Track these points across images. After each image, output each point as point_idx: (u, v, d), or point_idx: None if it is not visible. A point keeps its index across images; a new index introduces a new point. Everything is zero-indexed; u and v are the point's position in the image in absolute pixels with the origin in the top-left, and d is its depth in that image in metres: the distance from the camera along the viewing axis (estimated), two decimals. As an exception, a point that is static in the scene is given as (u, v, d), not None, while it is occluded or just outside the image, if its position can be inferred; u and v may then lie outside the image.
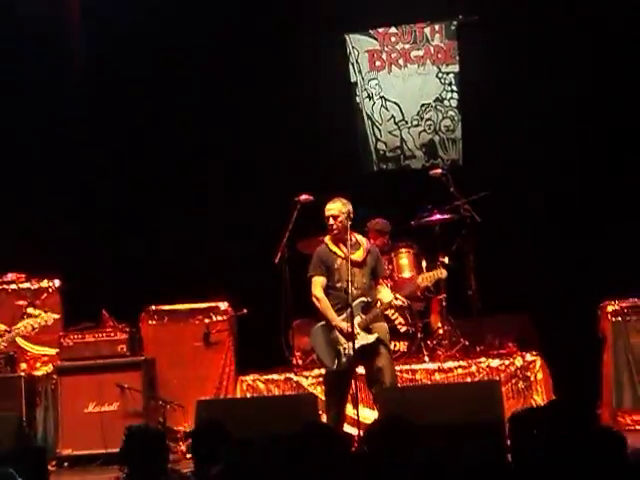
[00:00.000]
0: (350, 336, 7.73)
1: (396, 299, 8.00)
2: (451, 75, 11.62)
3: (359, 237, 8.10)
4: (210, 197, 11.24)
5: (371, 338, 7.79)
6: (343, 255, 7.95)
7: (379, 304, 7.97)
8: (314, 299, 7.98)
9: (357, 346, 7.70)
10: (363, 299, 7.84)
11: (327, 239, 8.08)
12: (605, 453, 3.76)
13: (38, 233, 10.84)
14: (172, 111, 11.34)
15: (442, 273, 8.75)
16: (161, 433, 5.18)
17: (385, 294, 8.02)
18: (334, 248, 8.00)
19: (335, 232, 7.98)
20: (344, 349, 7.81)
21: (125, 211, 11.25)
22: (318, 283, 7.97)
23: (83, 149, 11.33)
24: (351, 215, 7.95)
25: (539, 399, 8.99)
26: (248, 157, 11.27)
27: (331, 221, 7.97)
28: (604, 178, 10.56)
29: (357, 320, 7.78)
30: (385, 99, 11.75)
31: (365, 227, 9.97)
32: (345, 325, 7.80)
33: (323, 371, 8.31)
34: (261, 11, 11.32)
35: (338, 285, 7.93)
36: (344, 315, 7.86)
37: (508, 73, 10.99)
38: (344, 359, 7.82)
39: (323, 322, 7.98)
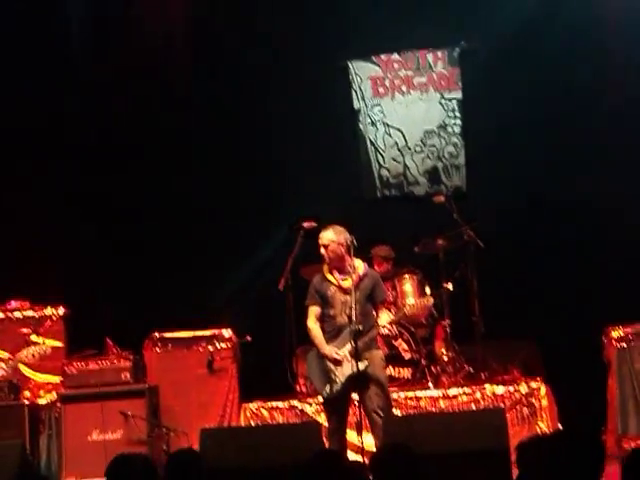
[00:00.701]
0: (337, 363, 7.84)
1: (384, 327, 8.01)
2: (454, 102, 11.63)
3: (357, 263, 8.11)
4: (213, 224, 11.23)
5: (360, 366, 7.79)
6: (336, 283, 8.02)
7: (374, 330, 8.00)
8: (307, 329, 8.14)
9: (346, 374, 7.79)
10: (355, 326, 7.84)
11: (324, 267, 8.14)
12: None
13: (41, 261, 10.84)
14: (180, 141, 11.35)
15: (429, 300, 8.82)
16: (147, 460, 5.09)
17: (382, 320, 8.05)
18: (328, 276, 8.09)
19: (327, 261, 8.03)
20: (335, 376, 7.85)
21: (129, 239, 11.25)
22: (312, 313, 8.11)
23: (87, 177, 11.34)
24: (347, 242, 7.96)
25: (544, 426, 8.96)
26: (251, 184, 11.28)
27: (322, 250, 8.08)
28: (610, 203, 10.54)
29: (347, 348, 7.83)
30: (388, 125, 11.77)
31: (369, 253, 9.99)
32: (332, 352, 7.87)
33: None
34: (263, 38, 11.36)
35: (331, 313, 8.02)
36: (336, 342, 7.93)
37: (510, 99, 11.00)
38: (335, 386, 7.88)
39: (316, 349, 8.05)
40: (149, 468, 4.98)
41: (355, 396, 7.92)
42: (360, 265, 8.13)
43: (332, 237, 8.02)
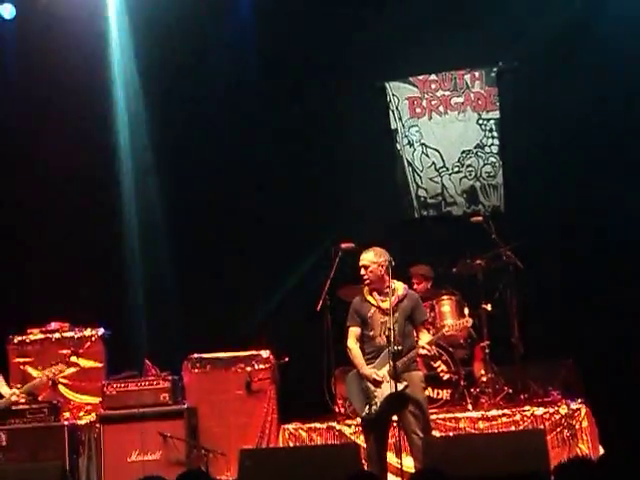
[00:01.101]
0: (377, 384, 7.82)
1: (423, 349, 7.97)
2: (492, 121, 11.61)
3: (397, 284, 8.11)
4: (253, 245, 11.26)
5: (399, 387, 7.77)
6: (376, 304, 8.03)
7: (413, 351, 7.97)
8: (347, 349, 8.14)
9: (385, 394, 7.77)
10: (395, 347, 7.82)
11: (365, 289, 8.14)
12: None
13: (81, 282, 10.93)
14: (216, 166, 11.41)
15: (467, 322, 8.77)
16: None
17: (423, 340, 8.03)
18: (368, 297, 8.11)
19: (367, 282, 8.04)
20: (374, 397, 7.83)
21: (168, 259, 11.30)
22: (352, 334, 8.12)
23: (118, 195, 11.45)
24: (387, 264, 7.96)
25: (584, 448, 8.86)
26: (290, 205, 11.30)
27: (362, 271, 8.10)
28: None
29: (386, 369, 7.79)
30: (425, 146, 11.76)
31: (408, 273, 10.00)
32: (371, 373, 7.86)
33: (361, 419, 8.33)
34: (301, 60, 11.41)
35: (371, 334, 8.01)
36: (375, 362, 7.92)
37: (547, 118, 10.97)
38: (375, 407, 7.86)
39: (356, 370, 8.04)
40: None
41: (394, 417, 7.89)
42: (400, 286, 8.13)
43: (373, 258, 8.03)
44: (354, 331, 8.11)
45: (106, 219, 11.37)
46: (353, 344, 8.08)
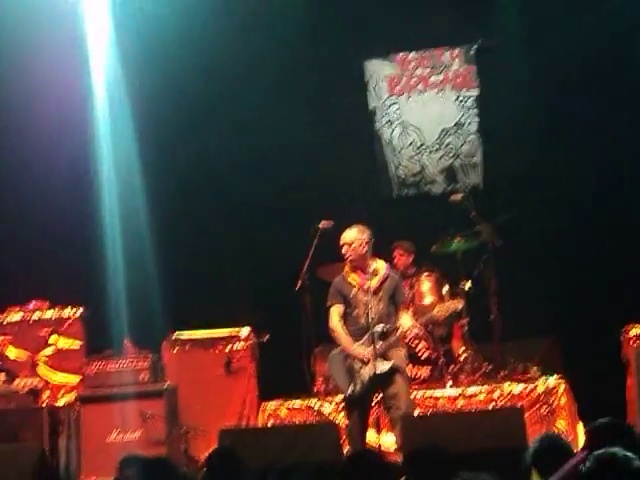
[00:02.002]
0: (365, 362, 7.84)
1: (414, 328, 8.00)
2: (471, 100, 11.61)
3: (379, 263, 8.11)
4: (230, 225, 11.25)
5: (386, 365, 7.80)
6: (358, 284, 7.99)
7: (399, 331, 7.99)
8: (331, 331, 8.13)
9: (370, 374, 7.79)
10: (380, 327, 7.85)
11: (346, 268, 8.13)
12: None
13: (60, 261, 10.89)
14: (197, 147, 11.38)
15: (459, 303, 8.75)
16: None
17: (405, 321, 8.04)
18: (350, 277, 8.07)
19: (350, 259, 8.02)
20: (359, 375, 7.85)
21: (148, 239, 11.26)
22: (335, 313, 8.09)
23: (105, 178, 11.38)
24: (370, 242, 7.97)
25: (563, 424, 8.92)
26: (267, 185, 11.28)
27: (345, 248, 8.07)
28: (630, 201, 10.51)
29: (371, 348, 7.80)
30: (404, 125, 11.76)
31: (390, 247, 10.04)
32: (360, 350, 7.87)
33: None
34: (279, 38, 11.36)
35: (354, 313, 8.02)
36: (360, 342, 7.93)
37: (527, 96, 10.98)
38: (359, 385, 7.87)
39: (339, 348, 8.07)
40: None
41: (375, 395, 7.91)
42: (382, 265, 8.13)
43: (356, 235, 8.02)
44: (337, 309, 8.08)
45: (86, 198, 11.30)
46: (337, 323, 8.05)
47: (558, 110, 10.85)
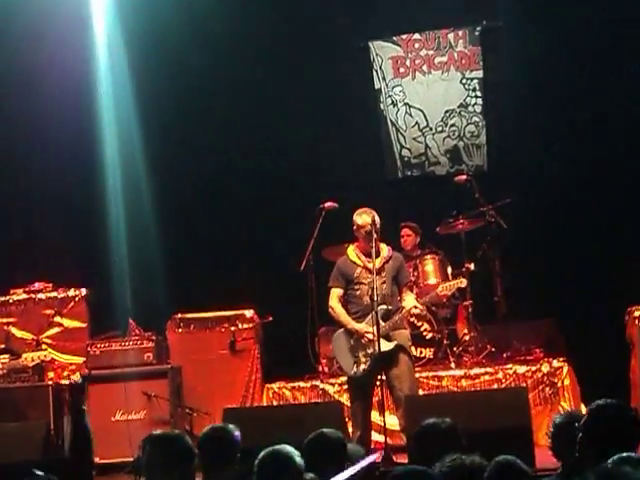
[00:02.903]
0: (368, 341, 7.88)
1: (415, 308, 8.01)
2: (475, 81, 11.59)
3: (382, 245, 8.16)
4: (236, 205, 11.25)
5: (390, 346, 7.82)
6: (362, 264, 8.02)
7: (403, 311, 8.01)
8: (329, 309, 8.18)
9: (375, 354, 7.80)
10: (383, 307, 7.86)
11: (349, 249, 8.15)
12: None
13: (65, 242, 10.89)
14: (200, 130, 11.36)
15: (462, 282, 8.76)
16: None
17: (408, 301, 8.06)
18: (354, 257, 8.12)
19: (360, 240, 8.07)
20: (363, 355, 7.86)
21: (152, 220, 11.27)
22: (334, 294, 8.15)
23: (108, 158, 11.37)
24: (377, 224, 7.97)
25: (566, 405, 8.93)
26: (273, 166, 11.28)
27: (356, 229, 8.08)
28: (631, 183, 10.49)
29: (375, 328, 7.79)
30: (409, 106, 11.74)
31: (398, 225, 10.07)
32: (360, 326, 7.91)
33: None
34: (284, 19, 11.33)
35: (358, 293, 8.04)
36: (364, 322, 7.94)
37: (532, 78, 10.96)
38: (362, 366, 7.90)
39: (343, 328, 8.08)
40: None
41: (379, 375, 7.92)
42: (384, 248, 8.16)
43: (366, 218, 8.03)
44: (337, 292, 8.14)
45: (90, 179, 11.31)
46: (336, 303, 8.11)
47: (563, 91, 10.81)
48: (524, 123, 10.99)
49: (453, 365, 9.55)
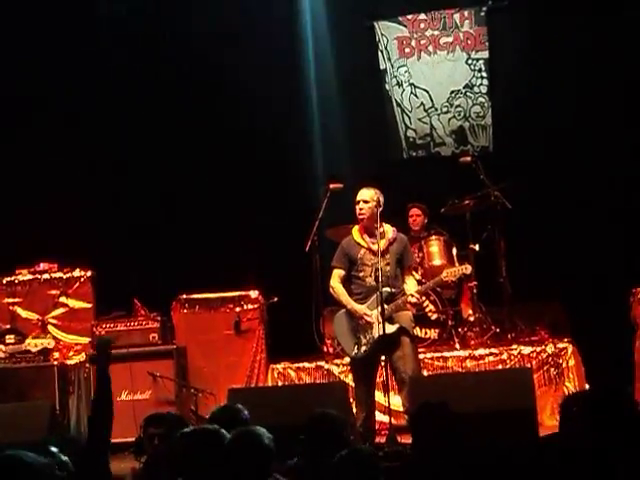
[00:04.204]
0: (367, 323, 7.85)
1: (412, 297, 7.95)
2: (481, 61, 11.56)
3: (387, 227, 8.10)
4: (240, 186, 11.23)
5: (392, 328, 7.80)
6: (366, 245, 8.00)
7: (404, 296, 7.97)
8: (330, 289, 8.14)
9: (376, 335, 7.79)
10: (387, 289, 7.84)
11: (354, 229, 8.13)
12: None
13: (70, 222, 10.89)
14: (203, 103, 11.35)
15: (467, 269, 8.68)
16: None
17: (410, 286, 8.02)
18: (358, 239, 8.07)
19: (363, 217, 8.00)
20: (364, 337, 7.86)
21: (156, 200, 11.28)
22: (336, 275, 8.10)
23: (113, 141, 11.38)
24: (381, 205, 7.95)
25: (571, 386, 8.95)
26: (278, 145, 11.26)
27: (362, 205, 8.01)
28: (637, 165, 10.47)
29: (379, 310, 7.78)
30: (414, 86, 11.71)
31: (406, 205, 10.09)
32: (360, 307, 7.88)
33: (350, 359, 8.37)
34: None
35: (361, 274, 8.00)
36: (367, 304, 7.93)
37: (538, 59, 10.93)
38: (364, 347, 7.88)
39: (345, 309, 8.06)
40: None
41: (382, 357, 7.93)
42: (389, 229, 8.11)
43: (373, 195, 8.00)
44: (338, 272, 8.09)
45: (94, 161, 11.32)
46: (337, 283, 8.06)
47: (569, 71, 10.78)
48: (529, 104, 10.96)
49: (458, 346, 9.55)
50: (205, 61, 11.30)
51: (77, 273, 10.38)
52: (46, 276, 10.41)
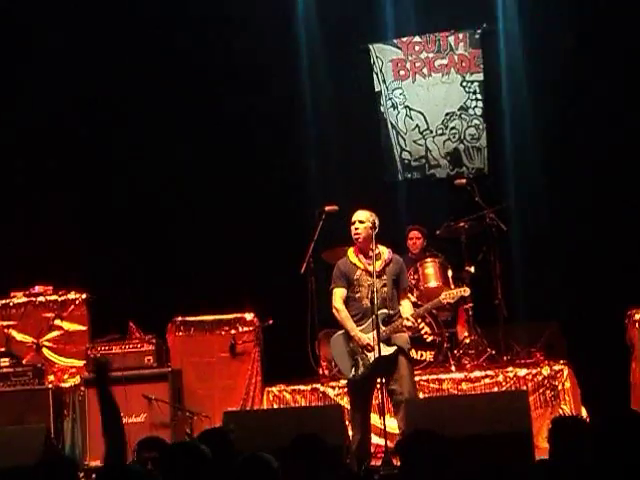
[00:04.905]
0: (368, 347, 7.82)
1: (407, 320, 7.94)
2: (475, 84, 11.59)
3: (382, 248, 8.10)
4: (236, 208, 11.23)
5: (390, 350, 7.79)
6: (362, 266, 7.99)
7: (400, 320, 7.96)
8: (334, 310, 8.10)
9: (373, 357, 7.77)
10: (384, 311, 7.83)
11: (349, 251, 8.13)
12: None
13: (65, 246, 10.88)
14: (201, 124, 11.37)
15: (465, 291, 8.68)
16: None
17: (405, 309, 8.02)
18: (354, 259, 8.06)
19: (358, 238, 8.00)
20: (362, 359, 7.85)
21: (151, 222, 11.28)
22: (338, 295, 8.06)
23: (108, 166, 11.39)
24: (376, 226, 7.96)
25: (567, 408, 8.92)
26: (274, 168, 11.27)
27: (357, 225, 8.02)
28: (634, 186, 10.48)
29: (374, 332, 7.76)
30: (409, 108, 11.74)
31: (406, 228, 10.11)
32: (364, 337, 7.86)
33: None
34: (286, 21, 11.35)
35: (357, 296, 7.99)
36: (364, 325, 7.91)
37: (532, 81, 10.97)
38: (362, 369, 7.87)
39: (342, 331, 8.04)
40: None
41: (378, 379, 7.91)
42: (385, 250, 8.11)
43: (368, 216, 8.01)
44: (340, 292, 8.05)
45: (90, 183, 11.33)
46: (341, 305, 8.02)
47: (564, 93, 10.81)
48: (524, 126, 10.99)
49: (453, 368, 9.53)
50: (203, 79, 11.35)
51: (72, 295, 10.37)
52: (41, 299, 10.39)
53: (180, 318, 10.06)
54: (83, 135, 11.39)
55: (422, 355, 9.62)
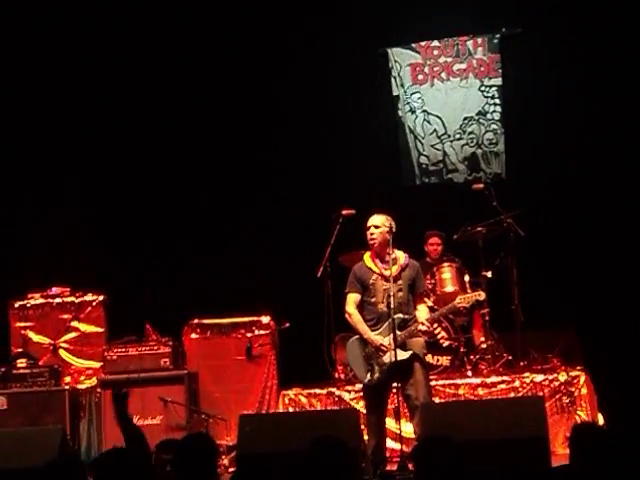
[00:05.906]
0: (382, 351, 7.81)
1: (422, 325, 7.92)
2: (494, 88, 11.58)
3: (398, 253, 8.08)
4: (254, 211, 11.25)
5: (405, 355, 7.78)
6: (378, 271, 7.98)
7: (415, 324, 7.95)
8: (346, 315, 8.10)
9: (388, 362, 7.77)
10: (400, 315, 7.82)
11: (366, 255, 8.12)
12: None
13: (83, 247, 10.92)
14: (221, 129, 11.40)
15: (481, 295, 8.63)
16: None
17: (421, 314, 8.00)
18: (370, 264, 8.06)
19: (374, 243, 7.99)
20: (377, 364, 7.83)
21: (168, 224, 11.30)
22: (351, 300, 8.06)
23: (127, 165, 11.41)
24: (393, 231, 7.95)
25: (583, 415, 8.90)
26: (292, 171, 11.28)
27: (372, 230, 8.02)
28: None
29: (390, 336, 7.76)
30: (427, 113, 11.73)
31: (425, 234, 10.13)
32: (377, 338, 7.84)
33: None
34: (304, 25, 11.36)
35: (373, 300, 7.98)
36: (379, 330, 7.90)
37: (552, 86, 10.94)
38: (377, 374, 7.86)
39: (358, 336, 8.03)
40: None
41: (394, 383, 7.89)
42: (401, 255, 8.09)
43: (384, 221, 8.00)
44: (353, 297, 8.06)
45: (106, 185, 11.37)
46: (354, 310, 8.03)
47: (583, 98, 10.78)
48: (542, 131, 10.96)
49: (470, 373, 9.52)
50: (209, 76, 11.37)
51: (89, 297, 10.40)
52: (58, 300, 10.42)
53: (197, 321, 10.08)
54: (100, 138, 11.40)
55: (438, 360, 9.61)
